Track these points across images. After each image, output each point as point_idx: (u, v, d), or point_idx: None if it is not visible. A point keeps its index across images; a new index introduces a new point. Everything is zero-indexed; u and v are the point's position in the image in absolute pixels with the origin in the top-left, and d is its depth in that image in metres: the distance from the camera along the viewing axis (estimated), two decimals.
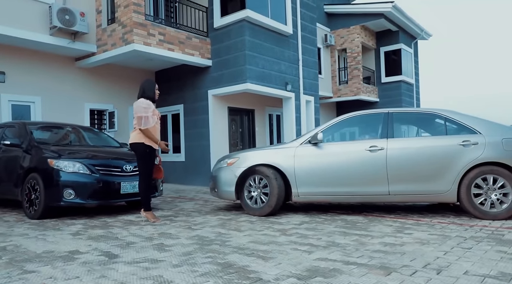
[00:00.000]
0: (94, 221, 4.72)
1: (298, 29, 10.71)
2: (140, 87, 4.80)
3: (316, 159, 4.81)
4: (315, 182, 4.78)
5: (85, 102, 9.39)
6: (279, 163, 4.88)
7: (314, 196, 4.87)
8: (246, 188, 5.00)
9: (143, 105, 4.52)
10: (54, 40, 7.92)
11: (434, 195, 4.55)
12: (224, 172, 5.17)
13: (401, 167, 4.57)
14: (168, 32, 8.59)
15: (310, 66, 11.30)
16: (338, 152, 4.80)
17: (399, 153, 4.60)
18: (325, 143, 4.88)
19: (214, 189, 5.32)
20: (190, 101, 10.25)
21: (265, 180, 4.86)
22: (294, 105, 10.50)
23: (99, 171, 4.91)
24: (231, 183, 5.04)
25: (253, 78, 9.05)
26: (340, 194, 4.76)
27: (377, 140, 4.74)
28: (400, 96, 17.23)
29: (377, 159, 4.62)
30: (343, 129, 5.32)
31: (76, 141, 6.33)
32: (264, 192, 4.89)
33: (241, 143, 10.94)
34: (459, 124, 4.67)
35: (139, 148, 4.51)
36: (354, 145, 4.81)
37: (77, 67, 9.22)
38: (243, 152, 5.28)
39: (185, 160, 10.36)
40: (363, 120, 5.25)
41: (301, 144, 4.94)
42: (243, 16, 8.81)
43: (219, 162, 5.42)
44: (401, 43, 17.33)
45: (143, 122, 4.45)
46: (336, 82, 16.95)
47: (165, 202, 6.72)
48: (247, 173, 5.00)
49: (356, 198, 4.79)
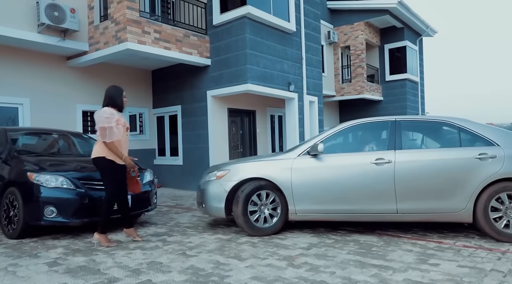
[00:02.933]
0: (78, 242, 4.25)
1: (301, 26, 10.19)
2: (105, 94, 4.24)
3: (316, 172, 4.33)
4: (314, 199, 4.30)
5: (77, 104, 8.89)
6: (275, 176, 4.39)
7: (313, 214, 4.38)
8: (250, 204, 4.43)
9: (105, 114, 4.00)
10: (42, 38, 7.41)
11: (447, 214, 4.08)
12: (213, 186, 4.65)
13: (410, 182, 4.10)
14: (164, 29, 8.08)
15: (313, 65, 10.79)
16: (340, 165, 4.32)
17: (408, 167, 4.13)
18: (326, 155, 4.39)
19: (202, 204, 4.78)
20: (188, 102, 9.76)
21: (272, 195, 4.42)
22: (297, 106, 10.01)
23: (84, 186, 4.43)
24: (221, 199, 4.50)
25: (255, 78, 8.56)
26: (342, 212, 4.28)
27: (383, 152, 4.26)
28: (405, 94, 16.73)
29: (384, 174, 4.15)
30: (345, 138, 4.86)
31: (65, 149, 5.85)
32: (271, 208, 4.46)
33: (241, 145, 10.46)
34: (474, 135, 4.21)
35: (101, 162, 4.02)
36: (358, 158, 4.33)
37: (69, 67, 8.72)
38: (234, 163, 4.77)
39: (183, 164, 9.89)
40: (368, 128, 4.76)
41: (299, 155, 4.45)
42: (244, 13, 8.29)
43: (208, 174, 4.89)
44: (406, 40, 16.80)
45: (108, 134, 3.93)
46: (339, 80, 16.44)
47: (161, 213, 6.26)
48: (242, 187, 4.47)
49: (360, 216, 4.30)
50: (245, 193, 4.35)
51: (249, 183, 4.42)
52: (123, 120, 4.14)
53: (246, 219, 4.35)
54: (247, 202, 4.35)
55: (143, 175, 5.24)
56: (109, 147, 3.96)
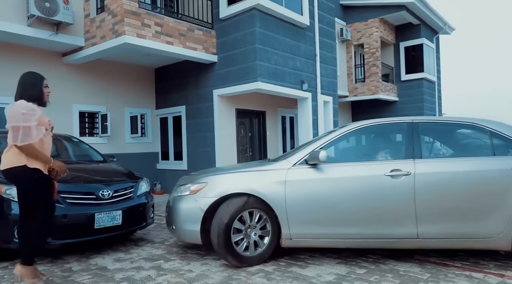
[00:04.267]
0: (55, 268, 3.53)
1: (315, 20, 9.43)
2: (18, 82, 3.17)
3: (316, 187, 3.47)
4: (314, 220, 3.44)
5: (73, 104, 8.23)
6: (264, 191, 3.47)
7: (312, 240, 3.51)
8: (234, 234, 3.48)
9: (22, 109, 2.94)
10: (32, 31, 6.74)
11: (480, 240, 3.28)
12: (185, 203, 3.66)
13: (434, 200, 3.30)
14: (166, 22, 7.38)
15: (328, 63, 10.02)
16: (346, 177, 3.47)
17: (431, 180, 3.33)
18: (329, 165, 3.53)
19: (172, 225, 3.82)
20: (193, 102, 9.04)
21: (259, 214, 3.55)
22: (311, 106, 9.24)
23: (65, 200, 3.72)
24: (196, 220, 3.54)
25: (265, 75, 7.81)
26: (348, 236, 3.44)
27: (400, 162, 3.45)
28: (422, 95, 15.84)
29: (401, 189, 3.34)
30: (352, 144, 4.06)
31: (55, 154, 5.14)
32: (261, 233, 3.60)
33: (250, 149, 9.72)
34: (509, 140, 3.41)
35: (20, 174, 2.97)
36: (368, 168, 3.49)
37: (64, 64, 8.06)
38: (213, 173, 3.84)
39: (187, 169, 9.15)
40: (379, 131, 3.92)
41: (295, 164, 3.57)
42: (253, 4, 7.55)
43: (179, 187, 3.91)
44: (423, 38, 15.92)
45: (21, 135, 2.88)
46: (352, 80, 15.62)
47: (160, 226, 5.54)
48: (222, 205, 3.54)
49: (370, 243, 3.48)
50: (224, 222, 3.41)
51: (229, 202, 3.49)
52: (46, 119, 3.17)
53: (231, 252, 3.45)
54: (229, 231, 3.43)
55: (138, 185, 4.51)
56: (26, 152, 2.93)
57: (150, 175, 7.69)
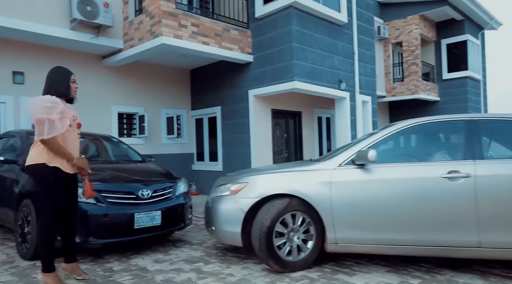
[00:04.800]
0: (97, 268, 3.52)
1: (353, 18, 9.12)
2: (46, 78, 3.11)
3: (365, 189, 3.24)
4: (362, 224, 3.21)
5: (112, 105, 8.40)
6: (308, 192, 3.30)
7: (360, 245, 3.27)
8: (276, 232, 3.34)
9: (45, 103, 2.86)
10: (75, 35, 6.93)
11: None
12: (225, 204, 3.56)
13: (499, 205, 2.98)
14: (202, 23, 7.37)
15: (366, 61, 9.66)
16: (398, 179, 3.21)
17: (495, 183, 3.02)
18: (378, 165, 3.30)
19: (211, 226, 3.71)
20: (228, 103, 8.99)
21: (301, 216, 3.37)
22: (349, 106, 8.93)
23: (106, 199, 3.72)
24: (236, 221, 3.42)
25: (302, 74, 7.61)
26: (400, 243, 3.17)
27: (458, 163, 3.15)
28: (466, 94, 14.98)
29: (460, 192, 3.05)
30: (401, 143, 3.76)
31: (94, 154, 5.22)
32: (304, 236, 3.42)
33: (286, 150, 9.53)
34: None
35: (37, 172, 2.92)
36: (423, 170, 3.21)
37: (104, 66, 8.25)
38: (253, 173, 3.69)
39: (223, 170, 9.10)
40: (433, 130, 3.61)
41: (341, 165, 3.37)
42: (290, 2, 7.39)
43: (218, 187, 3.80)
44: (467, 34, 15.08)
45: (47, 128, 2.77)
46: (390, 80, 15.05)
47: (197, 227, 5.48)
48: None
49: (425, 250, 3.17)
50: (265, 224, 3.28)
51: (270, 204, 3.34)
52: (72, 113, 3.04)
53: (273, 256, 3.30)
54: (270, 234, 3.29)
55: (176, 186, 4.46)
56: (50, 147, 2.84)
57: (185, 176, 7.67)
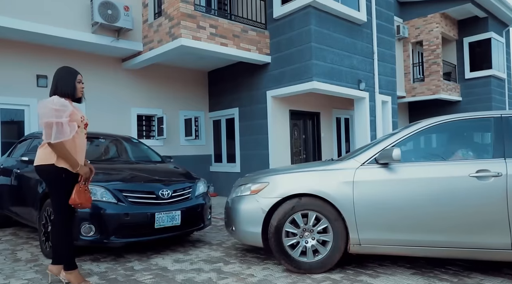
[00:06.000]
0: (118, 267, 3.55)
1: (372, 17, 8.98)
2: (53, 78, 3.11)
3: (389, 188, 3.13)
4: (387, 225, 3.11)
5: (132, 107, 8.51)
6: (330, 192, 3.23)
7: (384, 246, 3.17)
8: (286, 237, 3.33)
9: (54, 105, 2.81)
10: (96, 38, 7.06)
11: None
12: (246, 203, 3.53)
13: None
14: (220, 24, 7.39)
15: (386, 61, 9.49)
16: (423, 178, 3.09)
17: None
18: (402, 164, 3.20)
19: (231, 226, 3.69)
20: (246, 104, 8.98)
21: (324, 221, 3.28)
22: (368, 106, 8.78)
23: (127, 199, 3.74)
24: (257, 221, 3.40)
25: (320, 75, 7.53)
26: (427, 244, 3.05)
27: (488, 161, 3.03)
28: (490, 94, 14.54)
29: (490, 192, 2.92)
30: (427, 142, 3.66)
31: (114, 155, 5.29)
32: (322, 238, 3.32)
33: (304, 151, 9.45)
34: None
35: (48, 172, 2.91)
36: (450, 169, 3.09)
37: (124, 69, 8.37)
38: (274, 173, 3.64)
39: (240, 171, 9.09)
40: (459, 128, 3.47)
41: (364, 164, 3.29)
42: (308, 1, 7.33)
43: (238, 187, 3.79)
44: (491, 32, 14.65)
45: (54, 132, 2.76)
46: (410, 80, 14.75)
47: (216, 228, 5.47)
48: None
49: (452, 252, 3.04)
50: (273, 224, 3.33)
51: (286, 203, 3.34)
52: (79, 114, 3.03)
53: (284, 256, 3.33)
54: (279, 234, 3.32)
55: (196, 186, 4.46)
56: (56, 151, 2.83)
57: (203, 177, 7.71)
